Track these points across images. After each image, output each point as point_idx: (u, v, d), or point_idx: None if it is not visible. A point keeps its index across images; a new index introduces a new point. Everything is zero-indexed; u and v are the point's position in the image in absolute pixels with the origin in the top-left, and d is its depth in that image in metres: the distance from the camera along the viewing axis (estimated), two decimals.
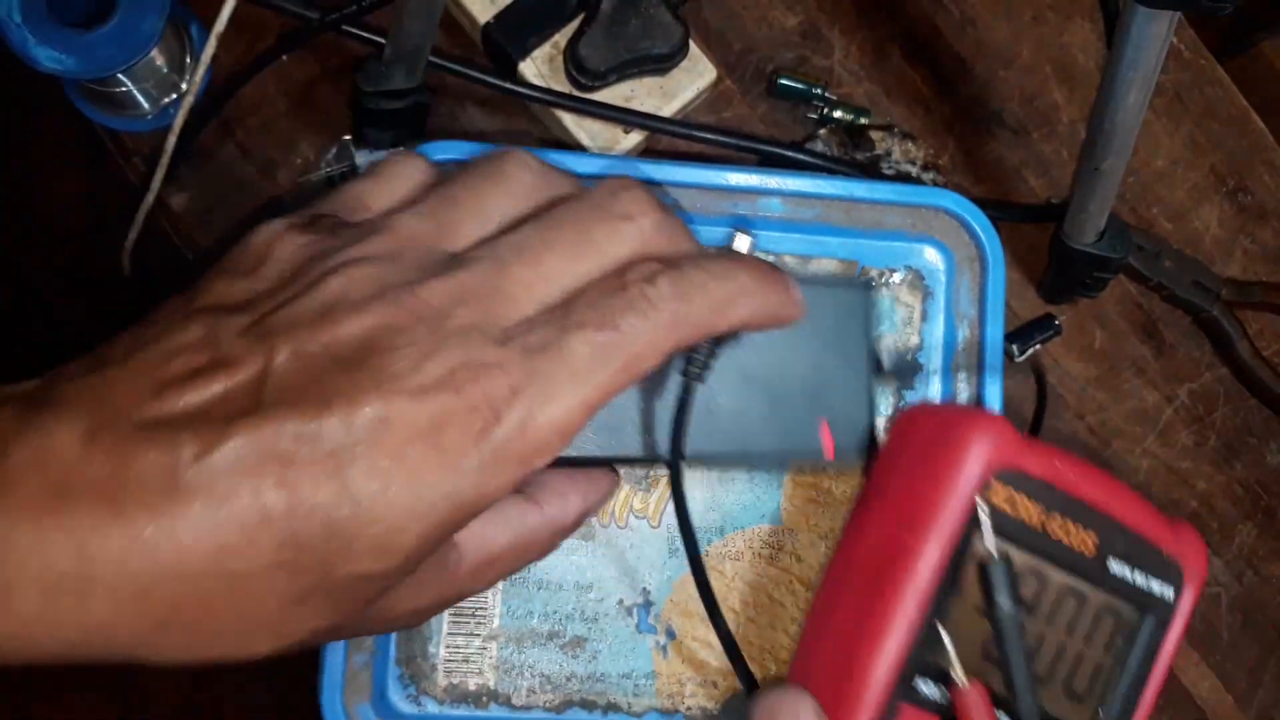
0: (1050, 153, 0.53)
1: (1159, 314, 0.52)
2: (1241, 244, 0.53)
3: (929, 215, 0.43)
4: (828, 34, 0.52)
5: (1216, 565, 0.51)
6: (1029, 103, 0.53)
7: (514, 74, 0.47)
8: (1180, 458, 0.52)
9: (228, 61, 0.48)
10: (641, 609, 0.41)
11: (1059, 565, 0.36)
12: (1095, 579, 0.36)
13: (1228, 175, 0.53)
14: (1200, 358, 0.52)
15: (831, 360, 0.38)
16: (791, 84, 0.50)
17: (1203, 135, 0.54)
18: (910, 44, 0.53)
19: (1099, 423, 0.51)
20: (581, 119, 0.46)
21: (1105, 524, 0.36)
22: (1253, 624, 0.51)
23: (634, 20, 0.46)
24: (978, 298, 0.43)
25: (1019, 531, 0.35)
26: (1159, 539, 0.37)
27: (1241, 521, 0.52)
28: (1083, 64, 0.53)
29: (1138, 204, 0.53)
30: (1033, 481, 0.36)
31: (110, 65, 0.43)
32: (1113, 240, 0.44)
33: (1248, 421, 0.52)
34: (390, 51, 0.41)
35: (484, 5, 0.47)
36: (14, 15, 0.42)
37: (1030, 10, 0.53)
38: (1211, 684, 0.50)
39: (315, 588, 0.27)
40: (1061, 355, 0.51)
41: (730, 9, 0.51)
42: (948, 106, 0.52)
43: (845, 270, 0.43)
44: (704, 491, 0.42)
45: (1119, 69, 0.35)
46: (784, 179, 0.42)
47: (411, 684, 0.39)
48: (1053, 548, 0.36)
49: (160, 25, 0.43)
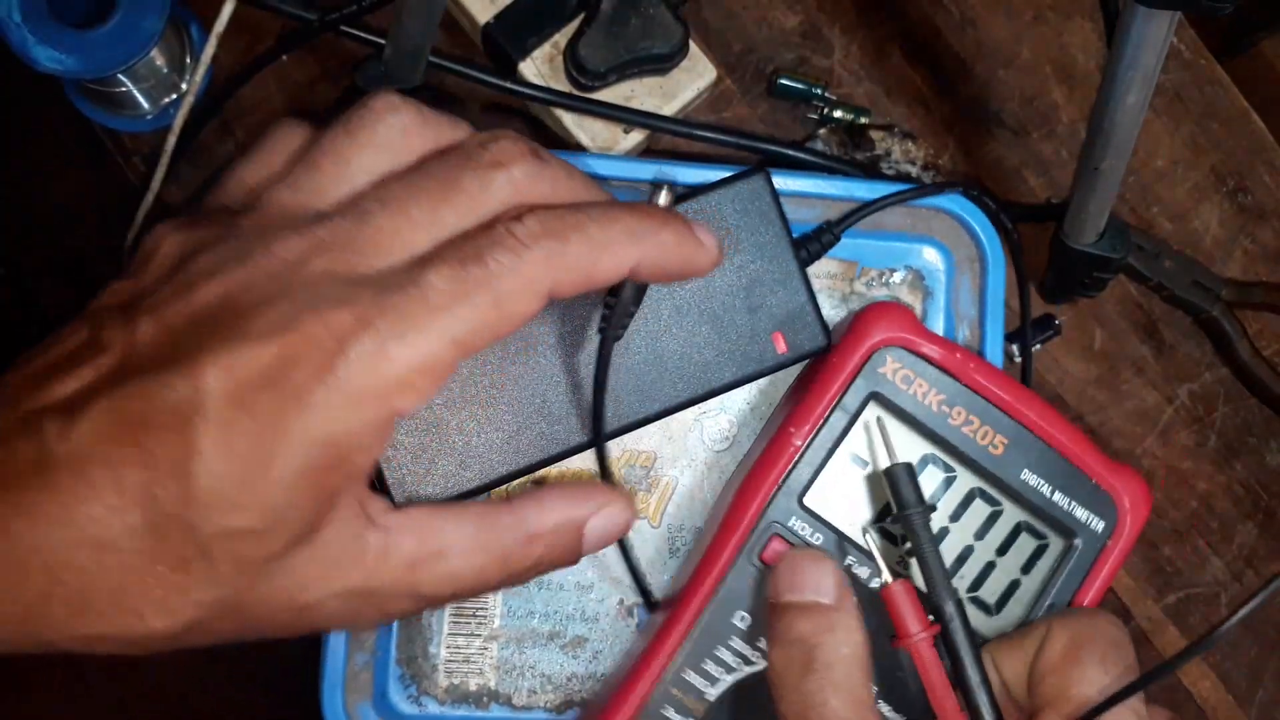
0: (1050, 153, 0.53)
1: (1159, 314, 0.52)
2: (1242, 244, 0.53)
3: (929, 215, 0.43)
4: (828, 34, 0.52)
5: (1217, 565, 0.51)
6: (1029, 103, 0.53)
7: (514, 74, 0.47)
8: (1180, 458, 0.52)
9: (228, 61, 0.48)
10: (642, 609, 0.41)
11: (961, 460, 0.37)
12: (1007, 489, 0.37)
13: (1228, 175, 0.53)
14: (1200, 358, 0.52)
15: (755, 259, 0.38)
16: (791, 84, 0.50)
17: (1203, 135, 0.54)
18: (910, 44, 0.53)
19: (1099, 423, 0.51)
20: (581, 119, 0.46)
21: (1020, 435, 0.37)
22: (1253, 624, 0.51)
23: (634, 20, 0.46)
24: (978, 298, 0.43)
25: (914, 409, 0.37)
26: (1090, 469, 0.37)
27: (1242, 521, 0.52)
28: (1083, 64, 0.53)
29: (1138, 204, 0.53)
30: (931, 368, 0.37)
31: (110, 65, 0.43)
32: (1113, 240, 0.44)
33: (1248, 422, 0.52)
34: (390, 52, 0.41)
35: (484, 5, 0.47)
36: (14, 15, 0.42)
37: (1030, 10, 0.53)
38: (1212, 683, 0.50)
39: (190, 552, 0.27)
40: (1061, 355, 0.51)
41: (730, 9, 0.51)
42: (948, 106, 0.52)
43: (845, 271, 0.43)
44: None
45: (1119, 69, 0.35)
46: (784, 179, 0.42)
47: (412, 684, 0.39)
48: (954, 436, 0.37)
49: (160, 25, 0.43)
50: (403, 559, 0.31)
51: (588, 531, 0.34)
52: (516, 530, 0.32)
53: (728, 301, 0.38)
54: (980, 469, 0.37)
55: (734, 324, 0.38)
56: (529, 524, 0.33)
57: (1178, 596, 0.51)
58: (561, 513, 0.33)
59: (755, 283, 0.38)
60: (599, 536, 0.35)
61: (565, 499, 0.34)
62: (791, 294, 0.38)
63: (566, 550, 0.34)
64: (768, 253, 0.38)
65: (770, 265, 0.38)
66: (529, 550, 0.33)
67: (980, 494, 0.37)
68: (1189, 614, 0.51)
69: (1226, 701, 0.50)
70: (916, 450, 0.37)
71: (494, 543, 0.32)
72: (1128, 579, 0.50)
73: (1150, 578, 0.51)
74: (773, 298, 0.38)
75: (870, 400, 0.37)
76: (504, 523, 0.32)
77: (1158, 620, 0.50)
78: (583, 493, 0.34)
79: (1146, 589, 0.51)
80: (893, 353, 0.37)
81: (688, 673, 0.35)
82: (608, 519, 0.35)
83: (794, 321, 0.38)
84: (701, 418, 0.41)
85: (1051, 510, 0.37)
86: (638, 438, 0.41)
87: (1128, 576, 0.50)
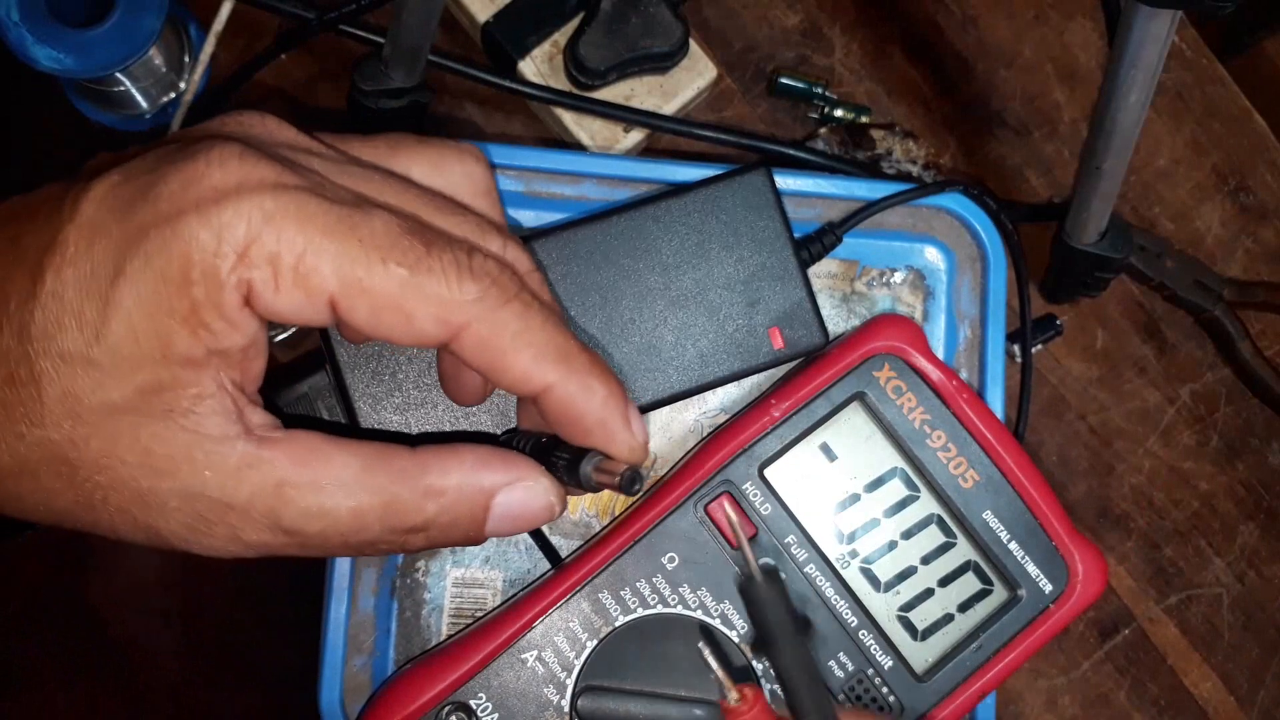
0: (1052, 152, 0.52)
1: (1161, 314, 0.52)
2: (1243, 244, 0.53)
3: (930, 215, 0.43)
4: (828, 33, 0.52)
5: (1218, 566, 0.51)
6: (1030, 102, 0.53)
7: (514, 73, 0.47)
8: (1182, 458, 0.51)
9: (226, 61, 0.48)
10: None
11: (928, 484, 0.37)
12: (966, 525, 0.37)
13: (1229, 175, 0.53)
14: (1202, 358, 0.52)
15: (754, 253, 0.38)
16: (792, 83, 0.50)
17: (1204, 135, 0.53)
18: (911, 43, 0.52)
19: (1100, 423, 0.51)
20: (581, 118, 0.46)
21: (993, 476, 0.37)
22: (1254, 624, 0.51)
23: (634, 19, 0.45)
24: (979, 298, 0.43)
25: (895, 421, 0.37)
26: (1053, 532, 0.37)
27: (1243, 522, 0.51)
28: (1084, 63, 0.53)
29: (1139, 204, 0.53)
30: (924, 387, 0.37)
31: (109, 65, 0.43)
32: (1114, 240, 0.44)
33: (1250, 422, 0.52)
34: (389, 50, 0.41)
35: (484, 4, 0.47)
36: (13, 15, 0.42)
37: (1032, 9, 0.53)
38: (1213, 684, 0.50)
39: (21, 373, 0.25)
40: (1063, 355, 0.51)
41: (730, 8, 0.51)
42: (949, 106, 0.52)
43: (845, 271, 0.43)
44: None
45: (1120, 68, 0.35)
46: (784, 178, 0.42)
47: None
48: (928, 457, 0.37)
49: (158, 25, 0.43)
50: (269, 477, 0.27)
51: (495, 504, 0.29)
52: (412, 478, 0.28)
53: (726, 294, 0.38)
54: (944, 497, 0.37)
55: (731, 317, 0.38)
56: (428, 475, 0.29)
57: (1179, 597, 0.51)
58: (469, 473, 0.29)
59: (754, 277, 0.38)
60: (510, 515, 0.30)
61: (479, 459, 0.29)
62: (790, 290, 0.38)
63: (466, 519, 0.29)
64: (767, 248, 0.38)
65: (769, 260, 0.38)
66: (420, 505, 0.28)
67: (938, 521, 0.37)
68: (1190, 614, 0.50)
69: (1228, 703, 0.50)
70: (887, 462, 0.37)
71: (382, 486, 0.28)
72: (1129, 579, 0.50)
73: (1152, 578, 0.51)
74: (771, 293, 0.38)
75: (855, 399, 0.37)
76: (398, 465, 0.28)
77: (1159, 620, 0.50)
78: (502, 460, 0.30)
79: (1148, 589, 0.50)
80: (891, 361, 0.37)
81: (604, 594, 0.35)
82: (525, 494, 0.30)
83: (792, 318, 0.38)
84: (701, 418, 0.41)
85: (1004, 558, 0.37)
86: None
87: (1129, 577, 0.50)
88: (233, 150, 0.26)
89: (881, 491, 0.37)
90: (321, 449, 0.28)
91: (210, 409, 0.27)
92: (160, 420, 0.26)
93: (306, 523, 0.27)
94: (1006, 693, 0.49)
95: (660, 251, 0.38)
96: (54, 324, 0.25)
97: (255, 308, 0.27)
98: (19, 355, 0.25)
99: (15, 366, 0.25)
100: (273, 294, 0.26)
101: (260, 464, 0.27)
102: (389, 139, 0.31)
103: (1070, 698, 0.49)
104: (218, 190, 0.26)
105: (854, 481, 0.37)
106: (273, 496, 0.27)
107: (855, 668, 0.36)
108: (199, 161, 0.26)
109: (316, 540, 0.28)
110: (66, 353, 0.25)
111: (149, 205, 0.26)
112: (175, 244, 0.25)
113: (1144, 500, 0.51)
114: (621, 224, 0.38)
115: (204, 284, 0.26)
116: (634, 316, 0.37)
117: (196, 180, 0.26)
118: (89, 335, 0.25)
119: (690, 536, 0.36)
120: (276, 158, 0.27)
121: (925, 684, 0.36)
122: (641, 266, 0.38)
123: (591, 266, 0.37)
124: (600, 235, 0.38)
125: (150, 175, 0.26)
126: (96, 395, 0.26)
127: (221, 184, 0.26)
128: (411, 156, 0.31)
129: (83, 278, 0.25)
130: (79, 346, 0.25)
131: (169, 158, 0.27)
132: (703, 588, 0.36)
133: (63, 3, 0.42)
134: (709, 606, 0.36)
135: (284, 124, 0.29)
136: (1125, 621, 0.50)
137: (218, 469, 0.27)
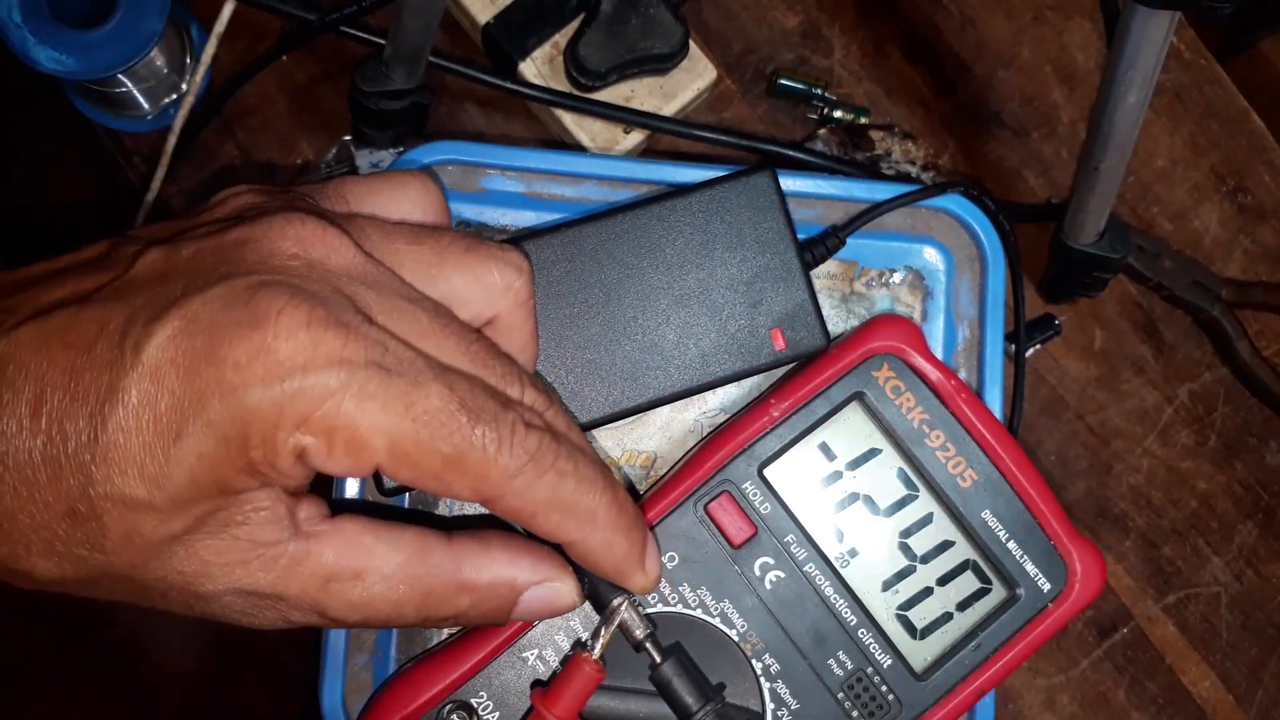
0: (1050, 153, 0.53)
1: (1159, 314, 0.52)
2: (1242, 244, 0.53)
3: (929, 215, 0.43)
4: (828, 34, 0.52)
5: (1216, 565, 0.51)
6: (1029, 103, 0.53)
7: (514, 74, 0.47)
8: (1180, 457, 0.52)
9: (228, 62, 0.48)
10: None
11: (927, 483, 0.37)
12: (965, 524, 0.37)
13: (1228, 175, 0.53)
14: (1200, 358, 0.52)
15: (758, 254, 0.38)
16: (791, 84, 0.50)
17: (1203, 135, 0.54)
18: (910, 44, 0.53)
19: (1099, 423, 0.51)
20: (581, 119, 0.46)
21: (992, 476, 0.37)
22: (1252, 623, 0.51)
23: (634, 20, 0.46)
24: (978, 298, 0.43)
25: (894, 420, 0.37)
26: (1052, 531, 0.37)
27: (1242, 521, 0.52)
28: (1083, 64, 0.53)
29: (1138, 204, 0.53)
30: (923, 387, 0.37)
31: (110, 66, 0.43)
32: (1113, 240, 0.44)
33: (1248, 421, 0.52)
34: (390, 52, 0.41)
35: (484, 5, 0.47)
36: (14, 16, 0.42)
37: (1030, 10, 0.53)
38: (1212, 683, 0.50)
39: (81, 508, 0.26)
40: (1061, 355, 0.51)
41: (730, 9, 0.51)
42: (948, 106, 0.52)
43: (845, 271, 0.43)
44: None
45: (1119, 69, 0.35)
46: (784, 179, 0.42)
47: None
48: (926, 457, 0.37)
49: (160, 26, 0.43)
50: (317, 571, 0.29)
51: (523, 600, 0.31)
52: (448, 573, 0.30)
53: (728, 294, 0.38)
54: (943, 496, 0.37)
55: (733, 317, 0.38)
56: (463, 571, 0.30)
57: (1177, 596, 0.51)
58: (502, 570, 0.31)
59: (757, 278, 0.38)
60: (534, 608, 0.32)
61: (509, 557, 0.31)
62: (793, 292, 0.38)
63: (495, 610, 0.31)
64: (770, 249, 0.38)
65: (773, 262, 0.38)
66: (455, 599, 0.30)
67: (937, 520, 0.37)
68: (1188, 613, 0.51)
69: (1226, 701, 0.50)
70: (887, 461, 0.37)
71: (420, 579, 0.30)
72: (1127, 578, 0.51)
73: (1150, 577, 0.51)
74: (774, 294, 0.38)
75: (854, 399, 0.37)
76: (436, 560, 0.30)
77: (1157, 619, 0.50)
78: (532, 557, 0.32)
79: (1146, 588, 0.51)
80: (890, 361, 0.37)
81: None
82: (551, 594, 0.32)
83: (794, 320, 0.38)
84: (701, 418, 0.41)
85: (1003, 557, 0.37)
86: (638, 438, 0.41)
87: (1127, 576, 0.51)
88: (299, 318, 0.26)
89: (881, 491, 0.37)
90: (363, 540, 0.29)
91: (264, 519, 0.28)
92: (216, 535, 0.27)
93: (349, 613, 0.29)
94: (1005, 691, 0.49)
95: (664, 250, 0.38)
96: (117, 472, 0.26)
97: (307, 464, 0.27)
98: (79, 493, 0.26)
99: (76, 502, 0.26)
100: (324, 459, 0.27)
101: (308, 559, 0.28)
102: (436, 246, 0.31)
103: (1069, 696, 0.50)
104: (283, 366, 0.26)
105: (853, 481, 0.37)
106: (320, 590, 0.29)
107: (854, 666, 0.36)
108: (266, 331, 0.26)
109: (357, 624, 0.30)
110: (129, 499, 0.26)
111: (212, 370, 0.26)
112: (238, 412, 0.26)
113: (1142, 500, 0.51)
114: (626, 222, 0.38)
115: (262, 449, 0.26)
116: (637, 314, 0.38)
117: (263, 353, 0.26)
118: (150, 487, 0.26)
119: (690, 536, 0.36)
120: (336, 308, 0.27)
121: (924, 683, 0.36)
122: (645, 265, 0.38)
123: (595, 264, 0.38)
124: (605, 233, 0.38)
125: (214, 332, 0.26)
126: (159, 532, 0.27)
127: (288, 360, 0.26)
128: (457, 267, 0.31)
129: (144, 429, 0.26)
130: (141, 494, 0.26)
131: (234, 311, 0.26)
132: (703, 587, 0.36)
133: (64, 4, 0.43)
134: (709, 605, 0.36)
135: (342, 239, 0.29)
136: (1124, 620, 0.50)
137: (269, 569, 0.28)
